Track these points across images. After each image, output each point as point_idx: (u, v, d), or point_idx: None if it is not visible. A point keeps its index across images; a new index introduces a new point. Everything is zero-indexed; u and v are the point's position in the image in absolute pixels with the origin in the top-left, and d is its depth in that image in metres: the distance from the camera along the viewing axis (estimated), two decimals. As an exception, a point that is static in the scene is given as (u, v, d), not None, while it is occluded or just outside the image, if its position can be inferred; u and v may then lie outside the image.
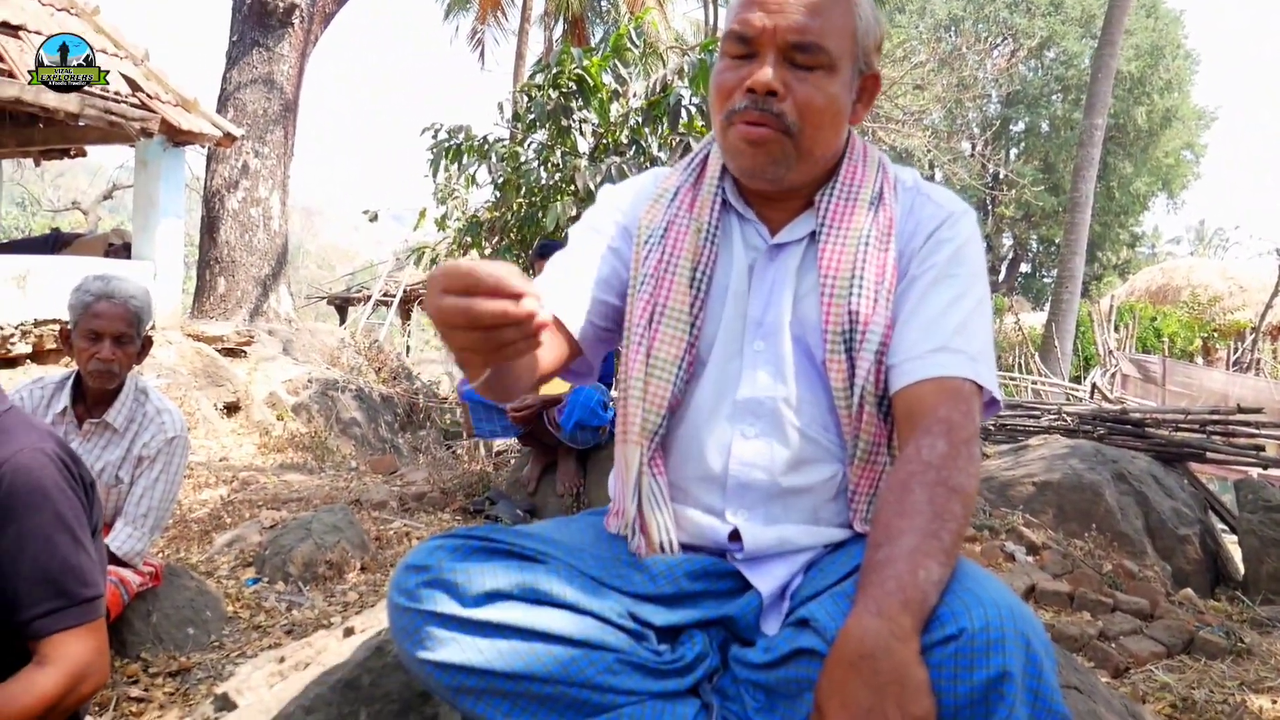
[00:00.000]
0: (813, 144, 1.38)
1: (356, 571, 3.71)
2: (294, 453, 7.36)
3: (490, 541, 1.36)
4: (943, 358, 1.32)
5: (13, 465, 1.65)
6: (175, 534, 4.34)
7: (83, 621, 1.67)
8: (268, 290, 10.81)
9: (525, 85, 7.10)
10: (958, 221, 1.42)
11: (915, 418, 1.30)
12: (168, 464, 2.90)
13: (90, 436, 2.84)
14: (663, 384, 1.43)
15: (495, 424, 4.65)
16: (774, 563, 1.40)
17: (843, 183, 1.45)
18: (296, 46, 11.02)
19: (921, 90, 18.07)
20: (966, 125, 31.72)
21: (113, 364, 2.77)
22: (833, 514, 1.42)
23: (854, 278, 1.37)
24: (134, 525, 2.82)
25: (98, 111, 7.35)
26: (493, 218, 7.30)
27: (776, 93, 1.34)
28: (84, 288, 2.79)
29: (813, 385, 1.41)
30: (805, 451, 1.40)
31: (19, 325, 6.82)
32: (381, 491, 5.10)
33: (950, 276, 1.38)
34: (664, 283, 1.45)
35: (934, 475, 1.21)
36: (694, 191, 1.52)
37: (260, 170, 10.72)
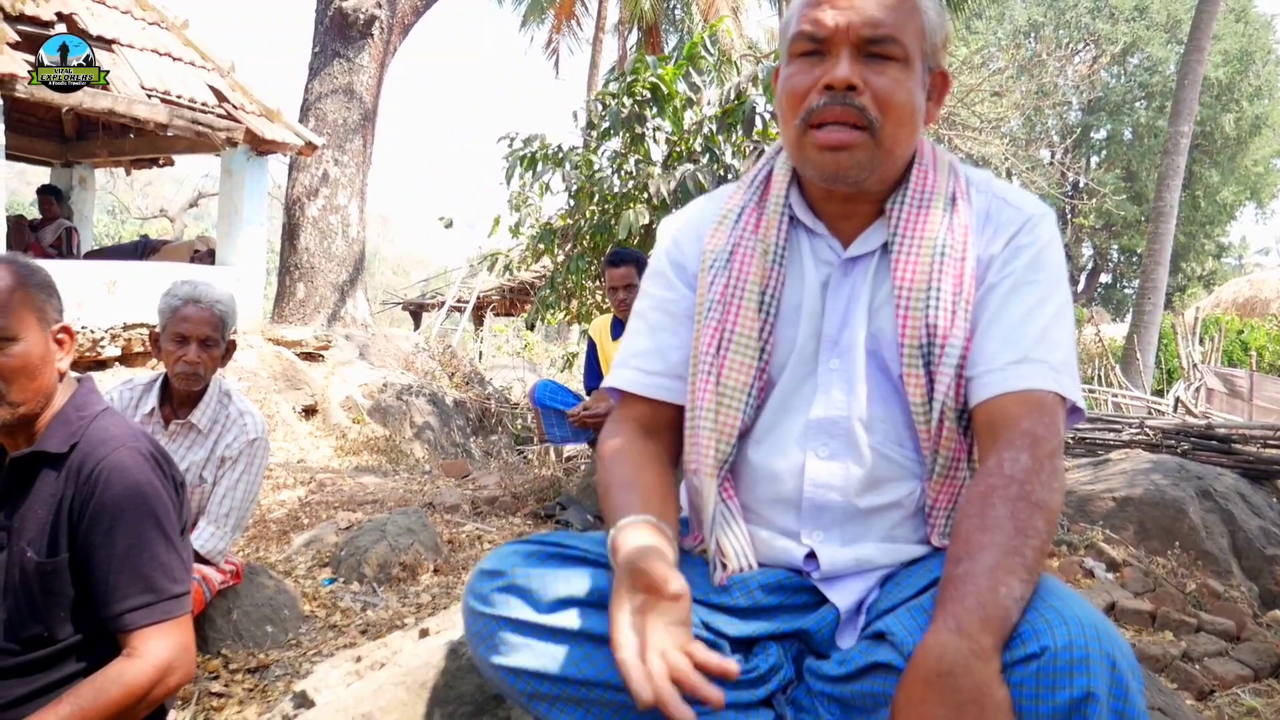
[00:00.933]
0: (894, 141, 1.34)
1: (430, 573, 3.75)
2: (369, 455, 7.48)
3: (564, 548, 1.36)
4: (1025, 369, 1.29)
5: (109, 464, 1.71)
6: (255, 533, 4.44)
7: (170, 617, 1.72)
8: (345, 296, 11.02)
9: (600, 93, 7.14)
10: (1037, 225, 1.38)
11: (997, 431, 1.27)
12: (249, 465, 2.96)
13: (176, 437, 2.92)
14: (733, 413, 1.41)
15: (566, 429, 4.67)
16: (850, 579, 1.38)
17: (914, 189, 1.41)
18: (376, 57, 11.23)
19: (1000, 97, 17.76)
20: (1046, 133, 31.07)
21: (198, 366, 2.84)
22: (910, 531, 1.39)
23: (930, 289, 1.34)
24: (216, 524, 2.89)
25: (185, 122, 7.58)
26: (566, 225, 7.35)
27: (856, 87, 1.32)
28: (172, 292, 2.87)
29: (888, 401, 1.38)
30: (881, 470, 1.37)
31: (108, 329, 7.04)
32: (454, 495, 5.16)
33: (1030, 283, 1.34)
34: (731, 308, 1.43)
35: (1016, 489, 1.18)
36: (759, 211, 1.49)
37: (340, 179, 10.94)
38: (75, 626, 1.74)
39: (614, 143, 6.88)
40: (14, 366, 1.69)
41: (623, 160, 6.72)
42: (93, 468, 1.71)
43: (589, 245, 7.03)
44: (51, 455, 1.74)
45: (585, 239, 7.03)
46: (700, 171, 5.91)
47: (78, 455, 1.74)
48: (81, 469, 1.72)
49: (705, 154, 6.52)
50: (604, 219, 6.71)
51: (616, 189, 6.72)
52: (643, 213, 6.14)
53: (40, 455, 1.75)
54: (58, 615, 1.72)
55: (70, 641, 1.74)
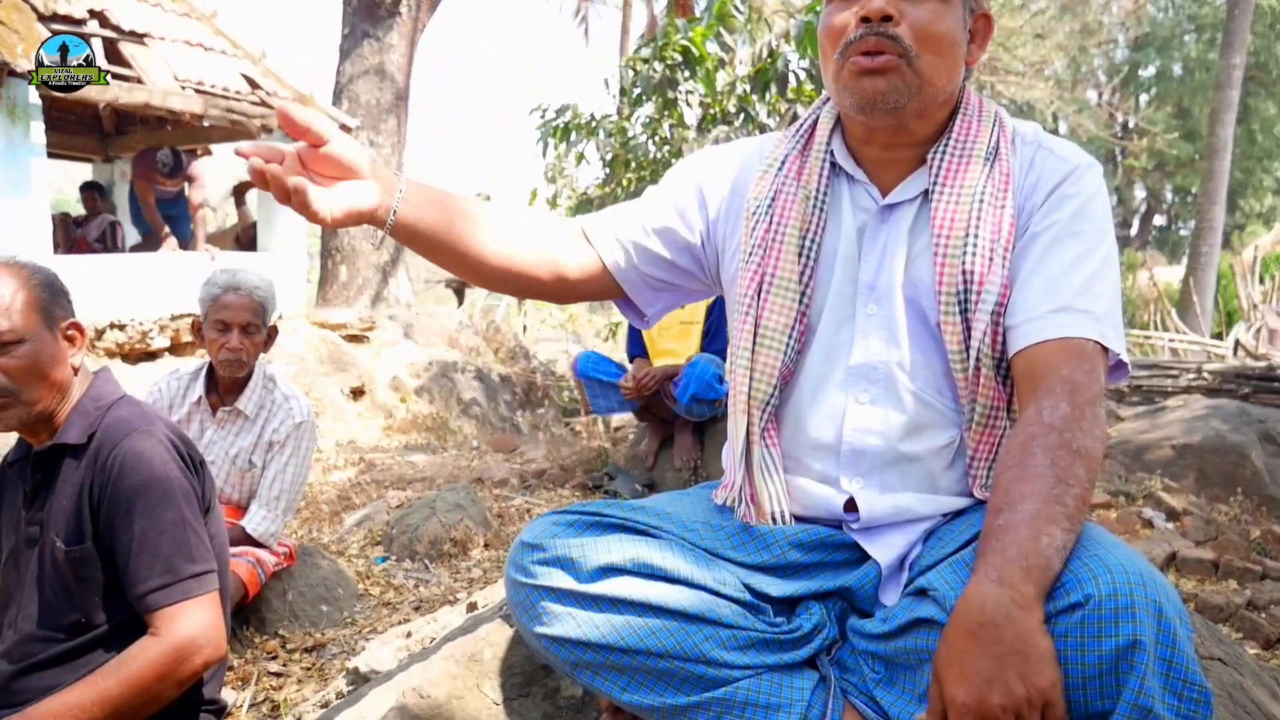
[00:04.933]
0: (932, 72, 1.34)
1: (480, 548, 3.80)
2: (417, 434, 7.56)
3: (603, 516, 1.37)
4: (1065, 318, 1.27)
5: (123, 449, 1.78)
6: (307, 515, 4.52)
7: (191, 595, 1.76)
8: (387, 277, 11.10)
9: (630, 59, 7.10)
10: (1082, 176, 1.36)
11: (1036, 379, 1.26)
12: (297, 448, 3.01)
13: (224, 424, 2.98)
14: (773, 354, 1.41)
15: (611, 400, 4.69)
16: (891, 532, 1.38)
17: (956, 138, 1.41)
18: (406, 35, 11.24)
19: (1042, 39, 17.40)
20: (1092, 73, 30.36)
21: (241, 353, 2.89)
22: (951, 481, 1.39)
23: (968, 236, 1.33)
24: (267, 508, 2.95)
25: (220, 111, 7.65)
26: (603, 194, 7.33)
27: (891, 17, 1.32)
28: (212, 281, 2.92)
29: (926, 349, 1.37)
30: (921, 416, 1.37)
31: (156, 320, 7.17)
32: (502, 469, 5.21)
33: (1074, 234, 1.32)
34: (772, 252, 1.44)
35: (1056, 437, 1.17)
36: (801, 158, 1.50)
37: (375, 160, 11.01)
38: (111, 611, 1.80)
39: (647, 109, 6.86)
40: (23, 367, 1.76)
41: (657, 126, 6.69)
42: (108, 454, 1.78)
43: (627, 214, 7.01)
44: (72, 446, 1.82)
45: (622, 208, 7.02)
46: (735, 133, 5.87)
47: (95, 444, 1.81)
48: (98, 456, 1.79)
49: (739, 115, 6.48)
50: (641, 186, 6.69)
51: (652, 155, 6.70)
52: (679, 178, 6.11)
53: (61, 447, 1.82)
54: (92, 601, 1.79)
55: (109, 626, 1.79)
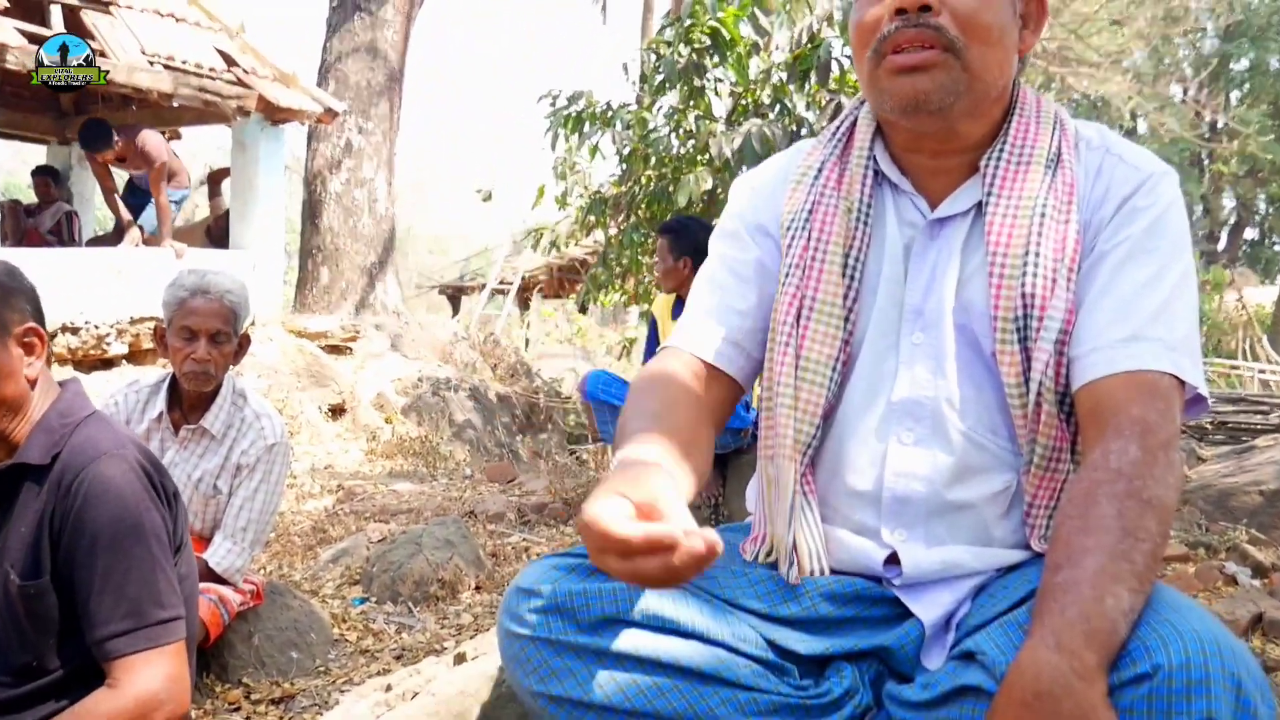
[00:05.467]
0: (981, 65, 1.33)
1: (471, 591, 3.80)
2: (403, 459, 7.59)
3: (608, 561, 1.38)
4: (1137, 347, 1.27)
5: (91, 472, 1.75)
6: (277, 548, 4.54)
7: (156, 644, 1.74)
8: (374, 280, 11.16)
9: (653, 42, 7.12)
10: (1156, 185, 1.36)
11: (1103, 418, 1.26)
12: (268, 473, 3.02)
13: (187, 444, 2.99)
14: (816, 389, 1.41)
15: (622, 426, 4.69)
16: (938, 588, 1.38)
17: (1013, 143, 1.40)
18: (401, 9, 11.32)
19: (1120, 26, 17.38)
20: (1176, 65, 30.32)
21: (208, 365, 2.90)
22: (1006, 531, 1.39)
23: (1027, 254, 1.33)
24: (233, 539, 2.95)
25: (192, 90, 7.73)
26: (619, 193, 7.35)
27: (930, 7, 1.31)
28: (178, 283, 2.93)
29: (979, 382, 1.38)
30: (972, 459, 1.37)
31: (114, 323, 7.22)
32: (498, 502, 5.22)
33: (1147, 251, 1.32)
34: (812, 272, 1.44)
35: (1125, 485, 1.17)
36: (840, 165, 1.49)
37: (364, 148, 11.07)
38: (66, 656, 1.78)
39: (670, 98, 6.87)
40: None
41: (681, 117, 6.70)
42: (73, 479, 1.75)
43: (645, 215, 7.03)
44: (33, 467, 1.78)
45: (640, 208, 7.03)
46: (769, 127, 5.87)
47: (60, 466, 1.78)
48: (62, 480, 1.76)
49: (775, 106, 6.48)
50: (661, 185, 6.70)
51: (675, 150, 6.71)
52: (704, 176, 6.12)
53: (21, 468, 1.79)
54: (46, 643, 1.76)
55: (63, 672, 1.78)
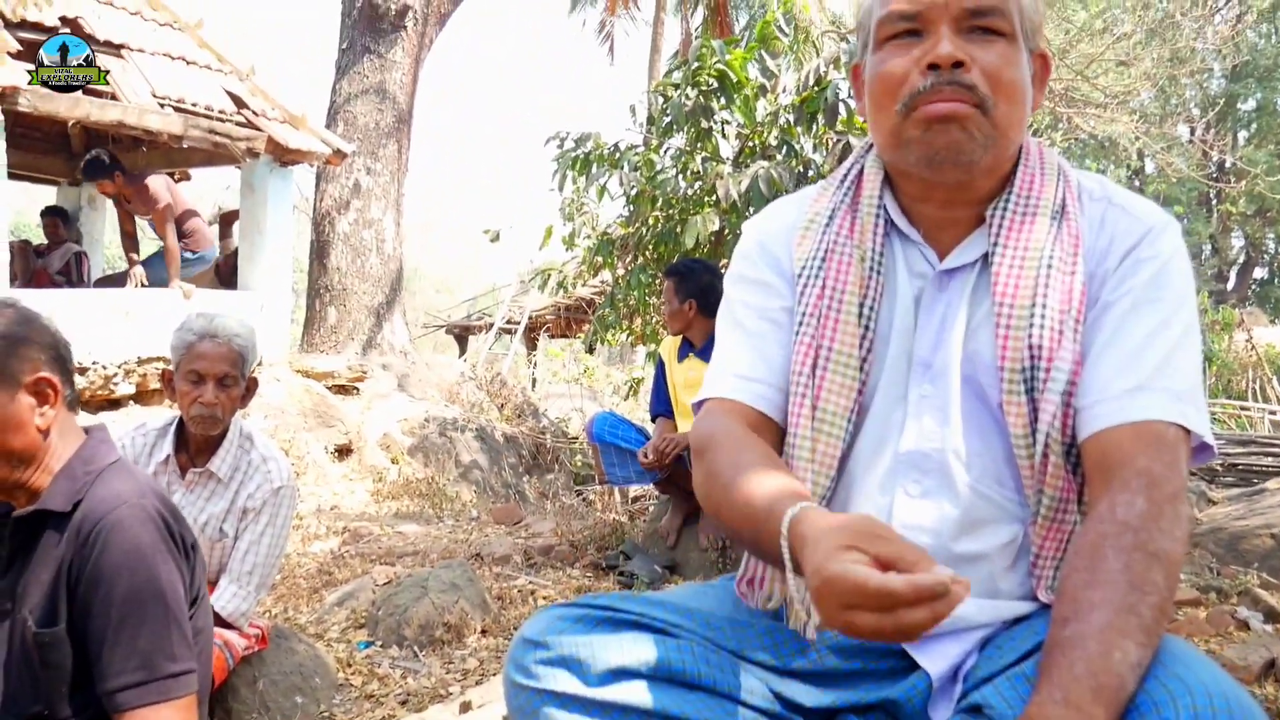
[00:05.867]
0: (1007, 122, 1.36)
1: (477, 635, 3.79)
2: (409, 500, 7.59)
3: (616, 611, 1.37)
4: (1143, 398, 1.28)
5: (110, 522, 1.76)
6: (283, 591, 4.54)
7: (167, 697, 1.75)
8: (381, 320, 11.20)
9: (660, 84, 7.18)
10: (1159, 237, 1.38)
11: (1109, 469, 1.26)
12: (274, 516, 3.03)
13: (194, 487, 3.00)
14: (832, 440, 1.42)
15: (629, 469, 4.70)
16: (944, 640, 1.37)
17: (1018, 194, 1.42)
18: (410, 52, 11.44)
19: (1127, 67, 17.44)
20: (1183, 106, 30.44)
21: (216, 408, 2.92)
22: (1013, 583, 1.39)
23: (1034, 305, 1.34)
24: (239, 583, 2.96)
25: (202, 132, 7.80)
26: (626, 234, 7.38)
27: (963, 64, 1.34)
28: (186, 326, 2.96)
29: (986, 433, 1.38)
30: (978, 511, 1.37)
31: (122, 364, 7.25)
32: (504, 544, 5.21)
33: (1151, 302, 1.34)
34: (828, 321, 1.44)
35: (1131, 538, 1.18)
36: (852, 213, 1.51)
37: (373, 189, 11.15)
38: (77, 705, 1.78)
39: (677, 139, 6.91)
40: None
41: (688, 159, 6.74)
42: (92, 528, 1.76)
43: (652, 256, 7.06)
44: (55, 514, 1.80)
45: (648, 249, 7.06)
46: (776, 168, 5.91)
47: (80, 514, 1.79)
48: (81, 529, 1.77)
49: (782, 148, 6.52)
50: (669, 226, 6.73)
51: (682, 191, 6.75)
52: (711, 218, 6.15)
53: (43, 514, 1.80)
54: (59, 691, 1.77)
55: None
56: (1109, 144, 21.54)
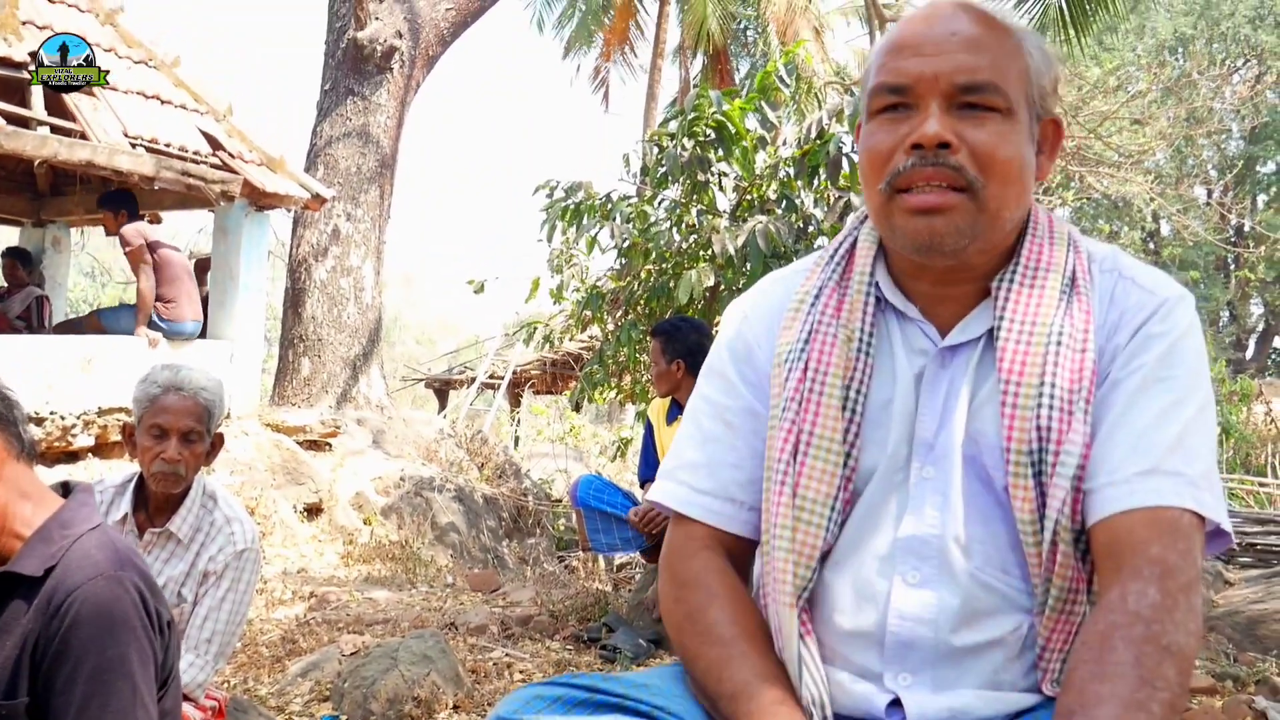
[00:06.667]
0: (999, 204, 1.35)
1: (449, 710, 3.75)
2: (381, 564, 7.53)
3: (597, 692, 1.35)
4: (1155, 482, 1.27)
5: (82, 594, 1.73)
6: (243, 660, 4.49)
7: None
8: (358, 372, 11.19)
9: (655, 134, 7.25)
10: (1172, 310, 1.37)
11: (1120, 557, 1.26)
12: (236, 581, 3.00)
13: (151, 548, 2.97)
14: (814, 530, 1.41)
15: (614, 535, 4.68)
16: (943, 732, 1.36)
17: (1025, 265, 1.42)
18: (396, 95, 11.53)
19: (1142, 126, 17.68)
20: (1200, 167, 30.79)
21: (179, 465, 2.90)
22: (1017, 675, 1.37)
23: (1043, 385, 1.34)
24: (196, 652, 2.92)
25: (175, 174, 7.83)
26: (617, 288, 7.41)
27: (949, 144, 1.33)
28: (150, 379, 2.95)
29: (989, 518, 1.37)
30: (980, 601, 1.36)
31: (81, 414, 7.21)
32: (481, 614, 5.17)
33: (1163, 379, 1.33)
34: (809, 406, 1.43)
35: (1143, 630, 1.17)
36: (840, 291, 1.50)
37: (352, 235, 11.19)
38: None
39: (672, 191, 6.96)
40: None
41: (683, 211, 6.79)
42: (64, 599, 1.73)
43: (643, 311, 7.08)
44: (25, 579, 1.76)
45: (639, 304, 7.08)
46: (775, 223, 5.94)
47: (52, 581, 1.76)
48: (52, 599, 1.74)
49: (781, 203, 6.57)
50: (661, 280, 6.76)
51: (676, 245, 6.78)
52: (707, 273, 6.18)
53: (12, 577, 1.76)
54: None
55: None
56: (1123, 204, 21.77)
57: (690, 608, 1.45)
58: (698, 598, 1.45)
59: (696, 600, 1.45)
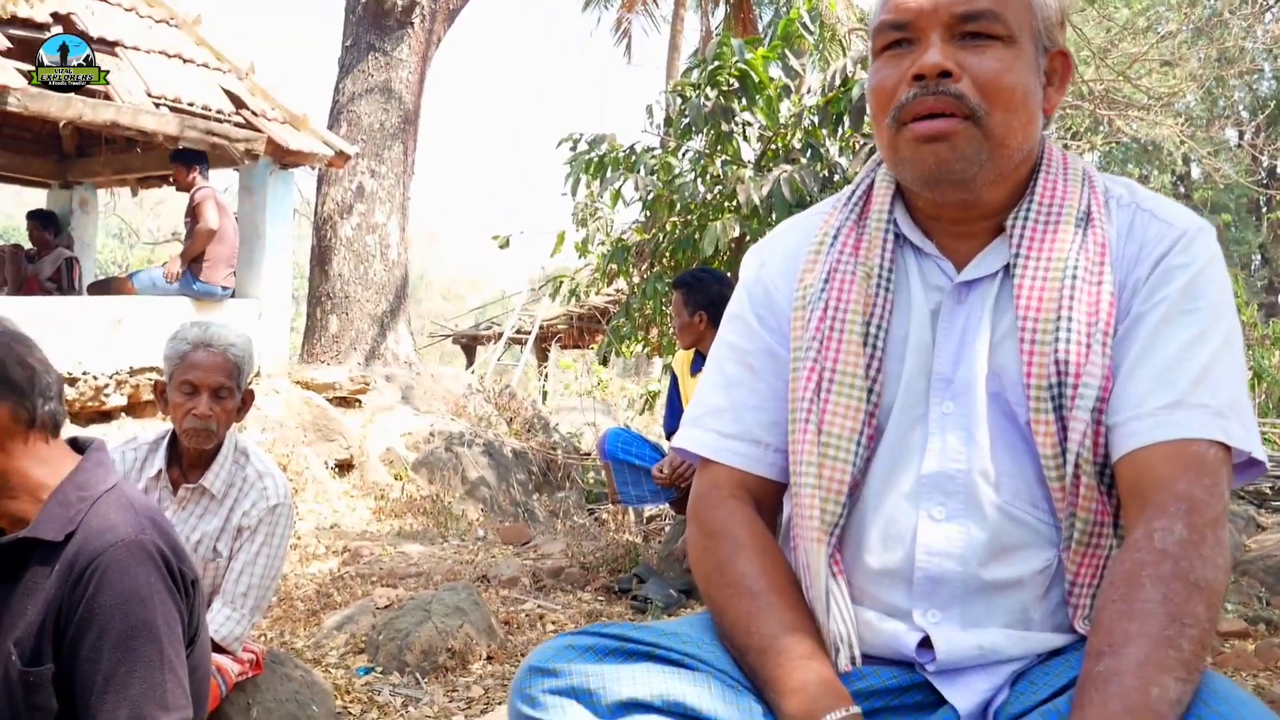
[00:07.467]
0: (1004, 131, 1.35)
1: (482, 661, 3.79)
2: (413, 518, 7.59)
3: (628, 641, 1.36)
4: (1180, 415, 1.27)
5: (104, 562, 1.72)
6: (279, 614, 4.54)
7: None
8: (385, 329, 11.21)
9: (678, 84, 7.20)
10: (1192, 242, 1.37)
11: (1145, 493, 1.25)
12: (270, 535, 3.03)
13: (186, 504, 3.00)
14: (840, 464, 1.41)
15: (643, 488, 4.70)
16: (974, 674, 1.36)
17: (1040, 201, 1.42)
18: (417, 50, 11.47)
19: (1171, 67, 17.40)
20: (1232, 108, 30.33)
21: (210, 421, 2.92)
22: (1046, 613, 1.37)
23: (1059, 319, 1.34)
24: (233, 606, 2.95)
25: (199, 133, 7.84)
26: (642, 240, 7.40)
27: (950, 73, 1.34)
28: (179, 336, 2.96)
29: (1016, 452, 1.37)
30: (1009, 535, 1.36)
31: (113, 374, 7.27)
32: (512, 566, 5.21)
33: (1186, 312, 1.33)
34: (831, 343, 1.44)
35: (1170, 567, 1.17)
36: (858, 230, 1.51)
37: (377, 192, 11.18)
38: None
39: (696, 142, 6.93)
40: None
41: (707, 162, 6.77)
42: (86, 565, 1.72)
43: (669, 264, 7.07)
44: (43, 543, 1.75)
45: (665, 256, 7.08)
46: (800, 172, 5.91)
47: (73, 547, 1.74)
48: (74, 565, 1.73)
49: (806, 151, 6.53)
50: (686, 232, 6.75)
51: (700, 196, 6.76)
52: (732, 224, 6.16)
53: (29, 542, 1.76)
54: None
55: None
56: (1152, 148, 21.46)
57: (719, 559, 1.46)
58: (725, 548, 1.46)
59: (724, 551, 1.46)
